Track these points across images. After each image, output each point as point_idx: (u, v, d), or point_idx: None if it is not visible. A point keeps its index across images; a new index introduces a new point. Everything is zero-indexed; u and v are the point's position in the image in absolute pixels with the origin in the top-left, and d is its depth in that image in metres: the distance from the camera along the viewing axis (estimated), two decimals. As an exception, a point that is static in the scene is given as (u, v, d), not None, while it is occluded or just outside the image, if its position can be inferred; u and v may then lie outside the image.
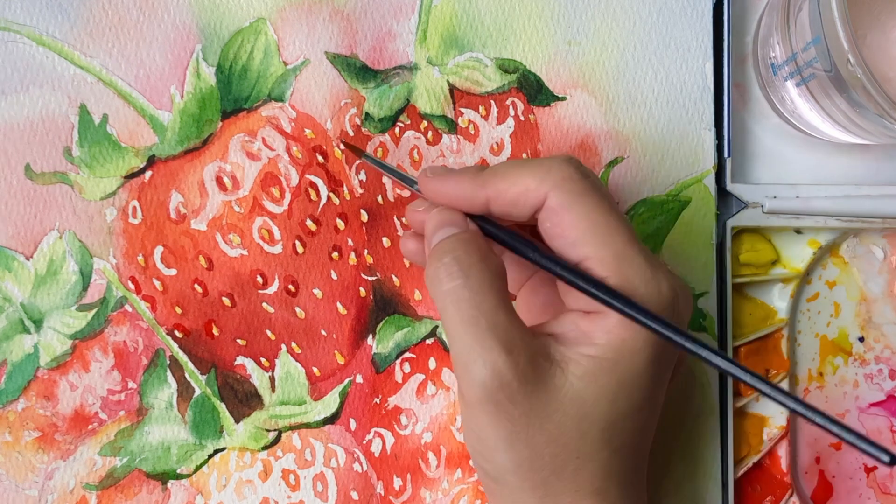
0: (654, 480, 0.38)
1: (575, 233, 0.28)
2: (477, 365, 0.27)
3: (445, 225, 0.30)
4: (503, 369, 0.27)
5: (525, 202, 0.29)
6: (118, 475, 0.36)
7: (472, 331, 0.28)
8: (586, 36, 0.38)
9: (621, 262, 0.28)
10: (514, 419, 0.28)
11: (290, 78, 0.37)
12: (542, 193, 0.29)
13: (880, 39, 0.34)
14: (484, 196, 0.30)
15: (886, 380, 0.40)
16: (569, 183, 0.28)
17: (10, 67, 0.36)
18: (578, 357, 0.28)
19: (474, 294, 0.28)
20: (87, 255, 0.36)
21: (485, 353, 0.27)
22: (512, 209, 0.29)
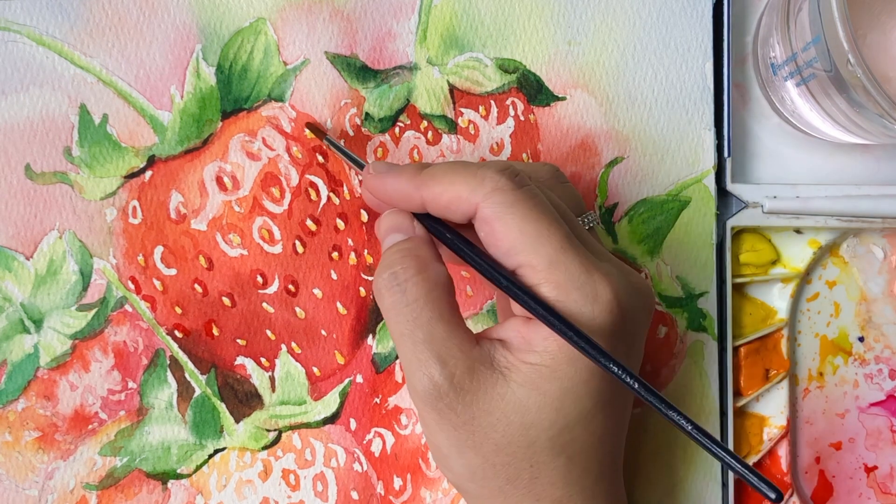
0: (654, 480, 0.38)
1: (506, 243, 0.28)
2: (416, 376, 0.28)
3: (392, 230, 0.31)
4: (438, 379, 0.28)
5: (457, 209, 0.29)
6: (118, 475, 0.36)
7: (409, 343, 0.29)
8: (586, 36, 0.38)
9: (553, 269, 0.28)
10: (457, 427, 0.28)
11: (290, 78, 0.37)
12: (473, 204, 0.29)
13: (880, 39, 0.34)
14: (419, 198, 0.30)
15: (886, 380, 0.40)
16: (498, 194, 0.28)
17: (10, 67, 0.36)
18: (519, 364, 0.28)
19: (410, 308, 0.29)
20: (87, 255, 0.36)
21: (421, 365, 0.28)
22: (447, 213, 0.30)
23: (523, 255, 0.28)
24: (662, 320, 0.38)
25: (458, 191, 0.29)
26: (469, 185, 0.29)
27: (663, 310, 0.38)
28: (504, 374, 0.28)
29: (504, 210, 0.28)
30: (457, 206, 0.29)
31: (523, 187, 0.29)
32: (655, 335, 0.38)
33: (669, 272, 0.38)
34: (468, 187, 0.29)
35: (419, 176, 0.30)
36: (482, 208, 0.29)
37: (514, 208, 0.28)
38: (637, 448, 0.38)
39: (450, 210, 0.29)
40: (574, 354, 0.28)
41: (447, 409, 0.28)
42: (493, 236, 0.29)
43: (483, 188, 0.29)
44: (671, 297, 0.38)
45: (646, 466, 0.38)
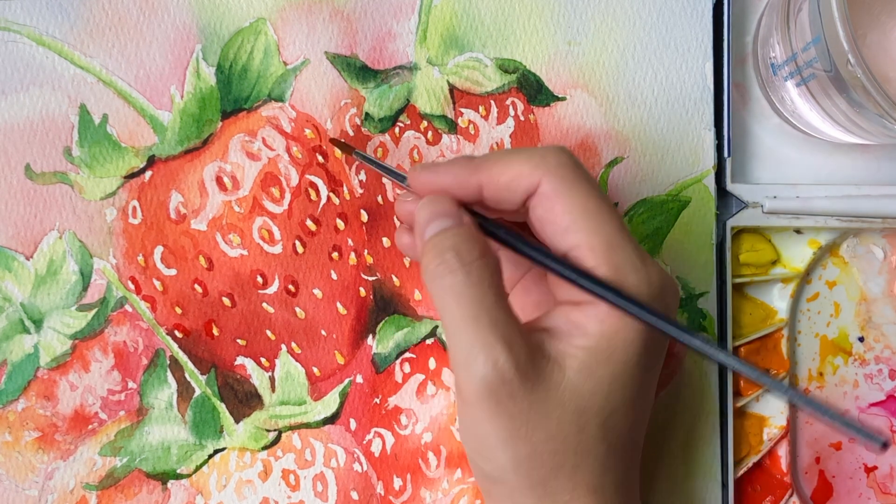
0: (654, 480, 0.38)
1: (566, 219, 0.28)
2: (479, 361, 0.27)
3: (438, 216, 0.30)
4: (505, 365, 0.27)
5: (518, 187, 0.29)
6: (118, 475, 0.36)
7: (474, 326, 0.27)
8: (586, 36, 0.38)
9: (612, 251, 0.28)
10: (513, 416, 0.28)
11: (290, 78, 0.37)
12: (536, 179, 0.29)
13: (880, 39, 0.34)
14: (476, 181, 0.30)
15: (886, 380, 0.40)
16: (562, 169, 0.29)
17: (10, 67, 0.36)
18: (573, 350, 0.28)
19: (476, 289, 0.28)
20: (87, 255, 0.36)
21: (486, 348, 0.27)
22: (504, 194, 0.29)
23: (583, 233, 0.28)
24: (662, 320, 0.38)
25: (520, 168, 0.29)
26: (532, 161, 0.29)
27: (663, 310, 0.38)
28: (559, 361, 0.28)
29: (567, 185, 0.28)
30: (518, 184, 0.29)
31: (581, 166, 0.29)
32: (655, 335, 0.38)
33: (669, 272, 0.38)
34: (531, 163, 0.29)
35: (474, 161, 0.30)
36: (544, 183, 0.28)
37: (578, 185, 0.28)
38: (637, 448, 0.38)
39: (510, 189, 0.29)
40: (629, 337, 0.28)
41: (507, 397, 0.27)
42: (553, 212, 0.28)
43: (546, 163, 0.29)
44: (671, 297, 0.38)
45: (646, 466, 0.38)
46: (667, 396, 0.38)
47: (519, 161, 0.29)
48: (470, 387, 0.28)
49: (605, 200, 0.29)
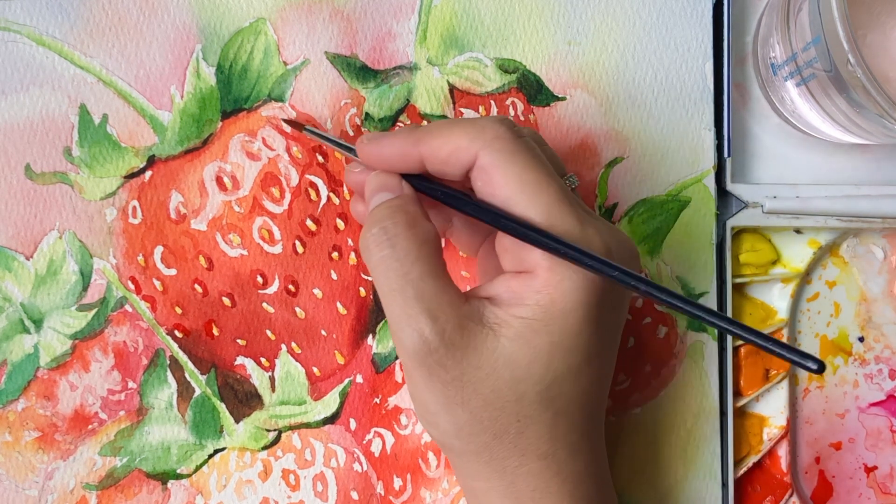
0: (654, 480, 0.38)
1: (504, 191, 0.29)
2: (405, 332, 0.28)
3: (380, 190, 0.31)
4: (429, 336, 0.28)
5: (457, 160, 0.29)
6: (118, 475, 0.36)
7: (399, 299, 0.28)
8: (586, 36, 0.38)
9: (550, 220, 0.28)
10: (446, 383, 0.28)
11: (290, 78, 0.37)
12: (473, 152, 0.29)
13: (880, 39, 0.34)
14: (417, 154, 0.30)
15: (886, 380, 0.40)
16: (499, 142, 0.29)
17: (10, 67, 0.36)
18: (510, 318, 0.28)
19: (401, 263, 0.29)
20: (87, 255, 0.36)
21: (411, 320, 0.28)
22: (445, 167, 0.30)
23: (521, 205, 0.28)
24: (662, 320, 0.38)
25: (457, 141, 0.29)
26: (469, 134, 0.29)
27: (663, 310, 0.38)
28: (494, 329, 0.28)
29: (505, 158, 0.29)
30: (456, 158, 0.29)
31: (522, 138, 0.29)
32: (655, 335, 0.38)
33: (669, 272, 0.38)
34: (468, 137, 0.29)
35: (416, 132, 0.30)
36: (482, 156, 0.29)
37: (516, 157, 0.29)
38: (637, 448, 0.38)
39: (449, 163, 0.30)
40: (566, 308, 0.28)
41: (436, 366, 0.28)
42: (491, 185, 0.29)
43: (484, 136, 0.29)
44: (671, 297, 0.38)
45: (646, 466, 0.38)
46: (667, 396, 0.38)
47: (457, 134, 0.29)
48: (403, 356, 0.29)
49: (544, 170, 0.29)
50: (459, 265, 0.38)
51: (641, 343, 0.38)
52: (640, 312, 0.38)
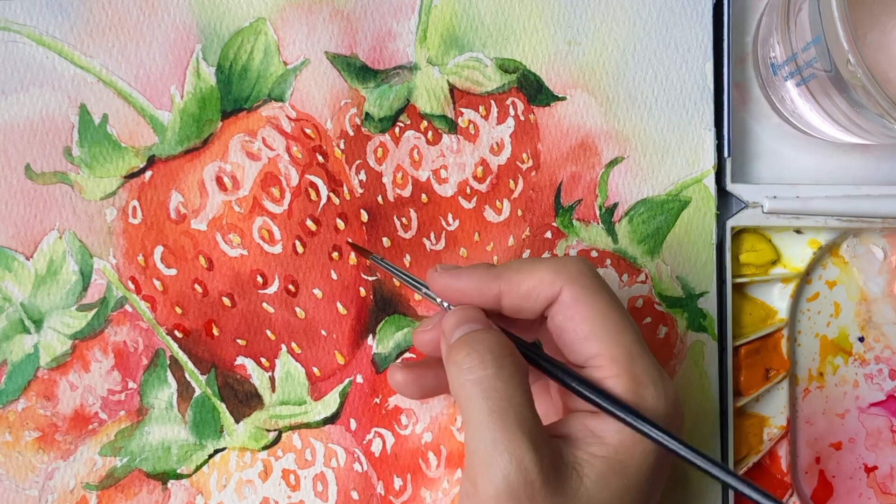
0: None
1: (587, 328, 0.28)
2: (503, 458, 0.26)
3: (468, 321, 0.30)
4: (529, 466, 0.26)
5: (539, 295, 0.29)
6: (118, 475, 0.36)
7: (501, 423, 0.27)
8: (586, 36, 0.38)
9: (632, 362, 0.28)
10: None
11: (290, 78, 0.37)
12: (557, 287, 0.29)
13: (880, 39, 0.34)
14: (497, 288, 0.30)
15: (886, 380, 0.40)
16: (583, 278, 0.29)
17: (10, 67, 0.36)
18: (591, 458, 0.28)
19: (506, 386, 0.27)
20: (87, 255, 0.36)
21: (512, 446, 0.26)
22: (524, 302, 0.29)
23: (604, 343, 0.28)
24: (662, 320, 0.38)
25: (541, 276, 0.29)
26: (553, 269, 0.29)
27: (663, 310, 0.38)
28: (576, 468, 0.28)
29: (588, 295, 0.28)
30: (538, 292, 0.29)
31: (600, 277, 0.29)
32: (655, 335, 0.38)
33: (669, 272, 0.38)
34: (552, 272, 0.29)
35: (495, 268, 0.30)
36: (565, 291, 0.29)
37: (600, 295, 0.28)
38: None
39: (529, 298, 0.29)
40: (646, 450, 0.28)
41: (527, 500, 0.26)
42: (573, 321, 0.29)
43: (567, 272, 0.29)
44: (671, 297, 0.38)
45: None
46: (667, 396, 0.38)
47: (540, 269, 0.29)
48: (490, 484, 0.27)
49: (625, 311, 0.29)
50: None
51: (641, 343, 0.38)
52: (641, 312, 0.38)
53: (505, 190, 0.38)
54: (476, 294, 0.30)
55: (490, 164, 0.38)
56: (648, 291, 0.38)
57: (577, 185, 0.38)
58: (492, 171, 0.38)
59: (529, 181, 0.38)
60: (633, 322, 0.29)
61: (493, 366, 0.28)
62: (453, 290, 0.31)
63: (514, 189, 0.38)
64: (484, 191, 0.38)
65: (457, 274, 0.31)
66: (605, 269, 0.38)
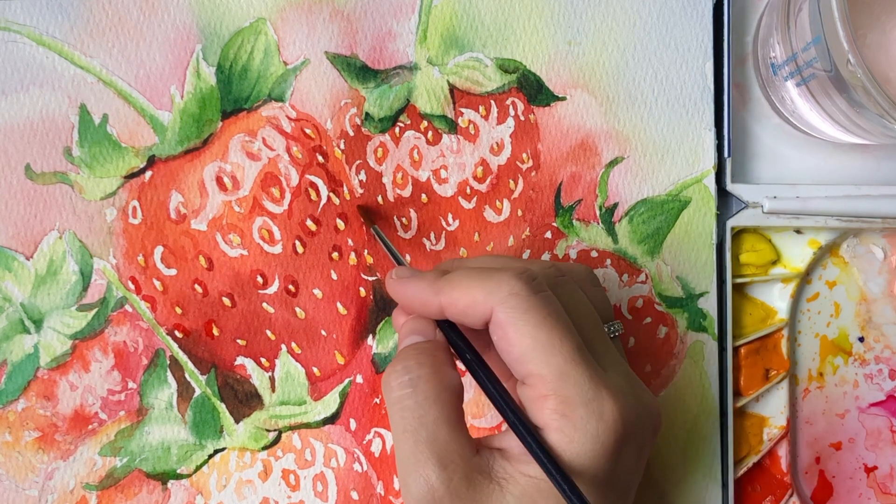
0: (654, 480, 0.38)
1: (518, 349, 0.28)
2: (412, 477, 0.28)
3: (413, 333, 0.31)
4: (435, 484, 0.28)
5: (474, 314, 0.29)
6: (118, 475, 0.36)
7: (411, 441, 0.28)
8: (586, 36, 0.38)
9: (562, 381, 0.28)
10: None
11: (290, 78, 0.37)
12: (489, 308, 0.29)
13: (880, 39, 0.34)
14: (438, 303, 0.30)
15: (886, 380, 0.40)
16: (514, 299, 0.28)
17: (10, 67, 0.36)
18: (518, 476, 0.28)
19: (419, 405, 0.28)
20: (87, 255, 0.36)
21: (419, 465, 0.28)
22: (464, 318, 0.30)
23: (533, 364, 0.28)
24: (662, 320, 0.38)
25: (474, 295, 0.29)
26: (485, 289, 0.29)
27: (663, 310, 0.38)
28: (501, 484, 0.28)
29: (517, 315, 0.28)
30: (473, 311, 0.29)
31: (539, 293, 0.29)
32: (655, 335, 0.38)
33: (669, 272, 0.38)
34: (484, 291, 0.29)
35: (438, 282, 0.30)
36: (497, 313, 0.29)
37: (528, 315, 0.28)
38: (637, 448, 0.38)
39: (466, 315, 0.29)
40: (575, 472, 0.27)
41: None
42: (506, 341, 0.29)
43: (500, 292, 0.29)
44: (671, 297, 0.38)
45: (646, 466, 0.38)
46: (667, 396, 0.38)
47: (474, 288, 0.29)
48: (407, 494, 0.28)
49: (560, 328, 0.28)
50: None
51: (641, 343, 0.38)
52: (641, 312, 0.38)
53: (505, 190, 0.38)
54: (419, 306, 0.31)
55: (490, 164, 0.38)
56: (648, 291, 0.38)
57: (577, 185, 0.38)
58: (492, 171, 0.38)
59: (529, 181, 0.38)
60: (570, 340, 0.28)
61: (409, 385, 0.29)
62: (402, 299, 0.32)
63: (514, 189, 0.38)
64: (484, 191, 0.38)
65: (404, 284, 0.31)
66: (605, 269, 0.38)
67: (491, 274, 0.29)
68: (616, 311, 0.38)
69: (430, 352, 0.30)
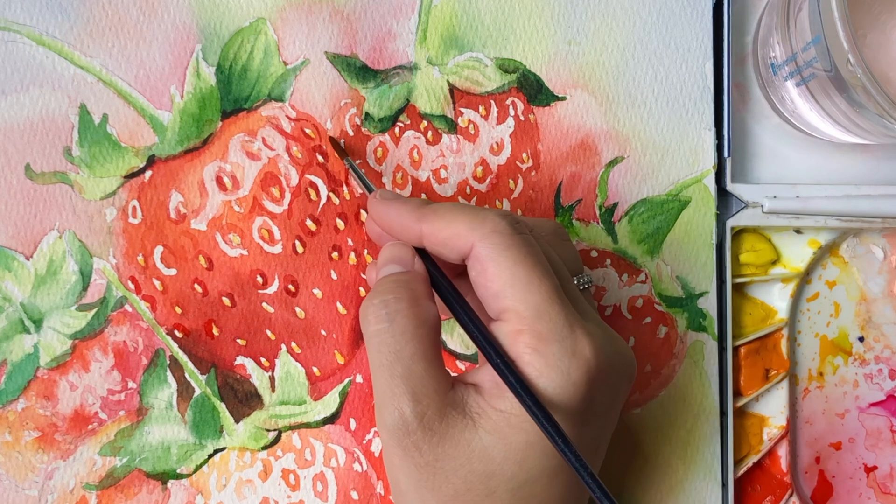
0: (654, 480, 0.38)
1: (495, 285, 0.28)
2: (387, 409, 0.28)
3: (392, 261, 0.31)
4: (409, 416, 0.28)
5: (454, 246, 0.29)
6: (118, 475, 0.36)
7: (387, 375, 0.28)
8: (586, 36, 0.38)
9: (538, 318, 0.28)
10: (420, 467, 0.28)
11: (290, 78, 0.37)
12: (470, 242, 0.29)
13: (880, 39, 0.34)
14: (418, 230, 0.30)
15: (886, 380, 0.40)
16: (496, 236, 0.29)
17: (10, 67, 0.36)
18: (489, 410, 0.28)
19: (395, 340, 0.29)
20: (87, 254, 0.36)
21: (394, 398, 0.28)
22: (443, 250, 0.30)
23: (510, 299, 0.28)
24: (662, 320, 0.38)
25: (457, 227, 0.29)
26: (470, 223, 0.29)
27: (663, 310, 0.38)
28: (474, 419, 0.28)
29: (498, 252, 0.28)
30: (454, 243, 0.29)
31: (521, 234, 0.29)
32: (655, 335, 0.38)
33: (669, 272, 0.38)
34: (468, 225, 0.29)
35: (422, 208, 0.30)
36: (478, 247, 0.29)
37: (509, 252, 0.28)
38: (637, 448, 0.38)
39: (447, 246, 0.29)
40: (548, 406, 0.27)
41: (412, 447, 0.28)
42: (484, 276, 0.29)
43: (483, 228, 0.29)
44: (671, 297, 0.38)
45: (646, 466, 0.38)
46: (667, 396, 0.38)
47: (458, 220, 0.29)
48: (381, 432, 0.29)
49: (538, 268, 0.28)
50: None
51: (641, 343, 0.38)
52: (640, 312, 0.38)
53: (505, 190, 0.38)
54: (400, 230, 0.31)
55: (490, 164, 0.38)
56: (648, 291, 0.38)
57: (577, 185, 0.38)
58: (492, 171, 0.38)
59: (529, 181, 0.38)
60: (548, 278, 0.28)
61: (386, 319, 0.29)
62: (382, 221, 0.32)
63: (514, 189, 0.38)
64: (484, 191, 0.38)
65: (387, 204, 0.31)
66: (605, 269, 0.38)
67: (476, 210, 0.30)
68: (616, 311, 0.38)
69: (409, 285, 0.30)
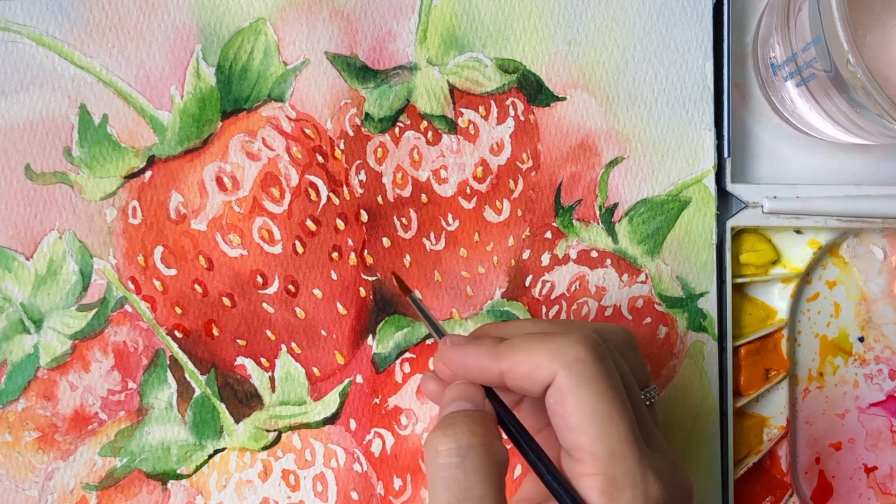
0: (654, 480, 0.38)
1: (574, 418, 0.28)
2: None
3: (461, 398, 0.30)
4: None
5: (536, 378, 0.29)
6: (118, 475, 0.36)
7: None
8: (586, 36, 0.38)
9: (612, 461, 0.27)
10: None
11: (290, 78, 0.37)
12: (552, 371, 0.28)
13: (880, 39, 0.34)
14: (498, 369, 0.29)
15: (886, 380, 0.40)
16: (579, 365, 0.28)
17: (10, 67, 0.36)
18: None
19: (467, 477, 0.28)
20: (87, 255, 0.36)
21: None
22: (524, 384, 0.29)
23: (586, 437, 0.28)
24: (663, 320, 0.38)
25: (538, 359, 0.28)
26: (550, 352, 0.28)
27: (663, 310, 0.38)
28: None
29: (581, 383, 0.28)
30: (536, 375, 0.28)
31: (603, 361, 0.28)
32: (655, 335, 0.38)
33: (669, 272, 0.38)
34: (549, 355, 0.28)
35: (498, 347, 0.30)
36: (559, 377, 0.28)
37: (591, 384, 0.28)
38: (637, 448, 0.38)
39: (528, 379, 0.29)
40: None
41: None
42: (563, 406, 0.28)
43: (565, 356, 0.28)
44: (671, 297, 0.38)
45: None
46: (667, 397, 0.38)
47: (538, 352, 0.29)
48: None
49: (618, 402, 0.28)
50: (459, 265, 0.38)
51: (641, 343, 0.38)
52: (641, 312, 0.38)
53: (505, 190, 0.38)
54: (478, 372, 0.30)
55: (490, 165, 0.38)
56: (648, 291, 0.38)
57: (577, 185, 0.38)
58: (492, 172, 0.38)
59: (529, 181, 0.38)
60: (626, 416, 0.28)
61: (458, 455, 0.28)
62: (458, 366, 0.31)
63: (514, 189, 0.38)
64: (484, 191, 0.38)
65: (462, 349, 0.31)
66: (605, 269, 0.38)
67: (554, 338, 0.29)
68: (616, 311, 0.38)
69: (483, 422, 0.29)
